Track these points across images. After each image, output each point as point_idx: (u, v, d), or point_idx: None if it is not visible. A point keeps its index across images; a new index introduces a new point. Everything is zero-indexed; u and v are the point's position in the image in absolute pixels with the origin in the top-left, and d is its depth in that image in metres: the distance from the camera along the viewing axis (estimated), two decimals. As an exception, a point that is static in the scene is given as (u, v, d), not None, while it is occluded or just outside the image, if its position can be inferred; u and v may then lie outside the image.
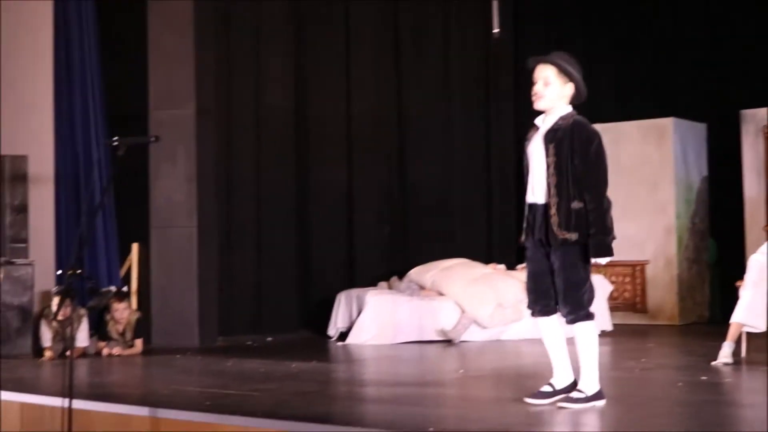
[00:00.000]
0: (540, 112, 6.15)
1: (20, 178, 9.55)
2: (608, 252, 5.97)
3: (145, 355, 9.44)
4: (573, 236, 5.91)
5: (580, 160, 5.91)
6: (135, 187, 10.50)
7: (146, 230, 10.46)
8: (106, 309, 9.54)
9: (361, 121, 12.45)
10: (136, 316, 9.66)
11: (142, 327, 9.68)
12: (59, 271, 9.80)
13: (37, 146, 9.98)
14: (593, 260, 6.00)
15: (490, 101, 13.33)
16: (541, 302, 6.09)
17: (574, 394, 5.96)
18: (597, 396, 5.95)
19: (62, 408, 5.95)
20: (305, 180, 12.05)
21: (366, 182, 12.41)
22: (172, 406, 6.16)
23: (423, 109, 12.81)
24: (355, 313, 10.68)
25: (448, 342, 10.32)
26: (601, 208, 5.93)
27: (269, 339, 10.94)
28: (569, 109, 6.10)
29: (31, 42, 10.09)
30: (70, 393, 5.88)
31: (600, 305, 10.92)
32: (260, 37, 11.72)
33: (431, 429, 5.29)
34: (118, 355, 9.33)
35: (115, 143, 6.72)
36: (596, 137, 6.01)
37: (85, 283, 9.71)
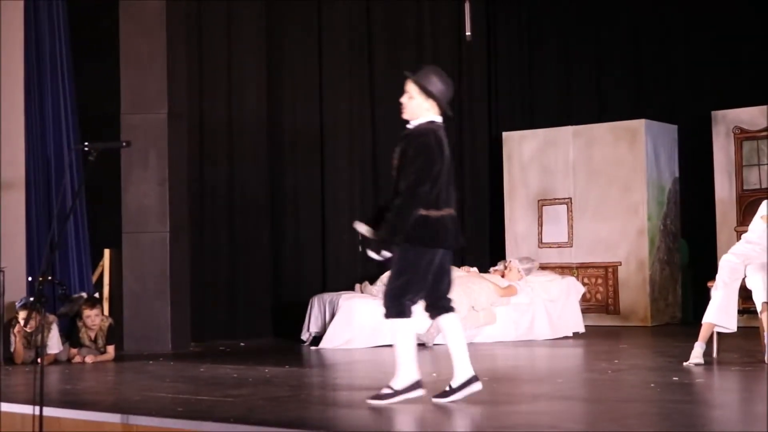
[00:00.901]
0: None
1: (-9, 183, 9.50)
2: (379, 247, 6.35)
3: (117, 361, 9.40)
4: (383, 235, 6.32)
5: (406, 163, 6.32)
6: (106, 191, 10.46)
7: (118, 235, 10.41)
8: (78, 315, 9.48)
9: (334, 124, 12.45)
10: (107, 322, 9.61)
11: (114, 333, 9.63)
12: (30, 278, 9.75)
13: (8, 151, 9.93)
14: (368, 252, 6.36)
15: (463, 104, 13.35)
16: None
17: (384, 390, 6.46)
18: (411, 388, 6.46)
19: (33, 415, 5.92)
20: (278, 184, 12.04)
21: (339, 186, 12.40)
22: (144, 412, 6.14)
23: (396, 112, 12.77)
24: (328, 318, 10.67)
25: (422, 345, 10.31)
26: (404, 206, 6.29)
27: (242, 344, 10.92)
28: (429, 118, 6.51)
29: (0, 44, 10.02)
30: (40, 400, 5.85)
31: (573, 307, 10.97)
32: (232, 39, 11.70)
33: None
34: (90, 362, 9.28)
35: (87, 148, 6.69)
36: (423, 145, 6.37)
37: (56, 289, 9.65)
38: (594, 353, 9.44)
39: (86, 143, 6.75)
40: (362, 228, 6.40)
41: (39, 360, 8.72)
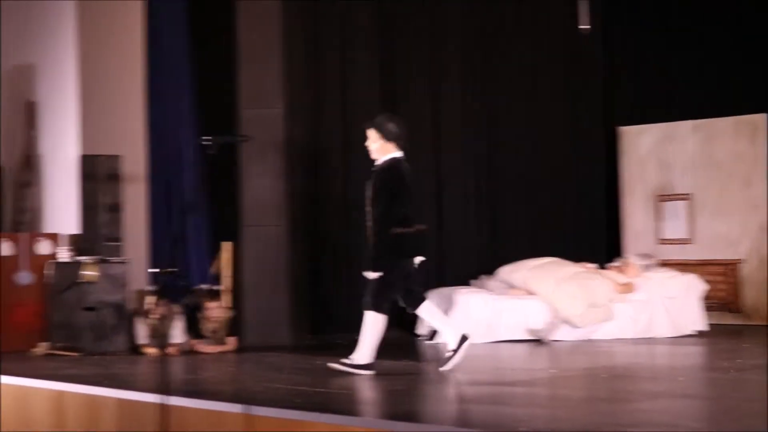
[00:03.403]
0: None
1: (114, 177, 9.70)
2: (371, 268, 7.87)
3: (237, 352, 9.53)
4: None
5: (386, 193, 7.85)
6: (226, 185, 10.60)
7: (237, 229, 10.54)
8: (199, 308, 9.64)
9: (448, 119, 12.42)
10: (228, 314, 9.75)
11: (233, 325, 9.77)
12: (152, 270, 9.95)
13: (130, 146, 10.13)
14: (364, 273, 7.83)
15: (578, 99, 13.21)
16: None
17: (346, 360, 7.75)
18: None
19: (158, 404, 6.05)
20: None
21: (455, 182, 12.37)
22: (264, 403, 6.22)
23: (510, 108, 12.74)
24: (445, 313, 10.65)
25: (539, 341, 10.27)
26: (380, 234, 7.83)
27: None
28: (390, 156, 7.98)
29: (122, 42, 10.24)
30: (166, 389, 5.97)
31: (693, 304, 10.79)
32: (346, 33, 11.75)
33: (522, 429, 5.27)
34: (211, 353, 9.43)
35: (207, 142, 6.81)
36: (386, 181, 7.93)
37: (178, 281, 9.84)
38: (715, 352, 9.28)
39: (206, 137, 6.88)
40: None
41: (168, 350, 8.98)
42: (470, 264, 12.03)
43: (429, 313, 8.22)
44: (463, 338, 7.93)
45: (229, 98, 10.66)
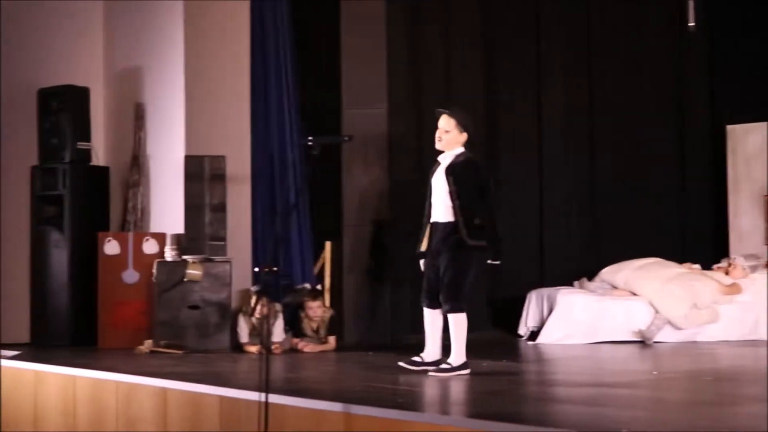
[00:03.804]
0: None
1: (219, 178, 9.82)
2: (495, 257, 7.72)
3: (338, 351, 9.59)
4: (480, 243, 7.56)
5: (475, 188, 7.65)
6: (328, 184, 10.67)
7: (339, 228, 10.61)
8: (301, 306, 9.73)
9: (551, 118, 12.34)
10: (329, 313, 9.82)
11: (334, 324, 9.84)
12: (256, 269, 10.06)
13: (235, 147, 10.23)
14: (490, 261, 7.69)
15: (685, 97, 13.02)
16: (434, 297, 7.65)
17: (443, 365, 7.49)
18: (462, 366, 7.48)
19: (259, 402, 6.11)
20: (495, 177, 11.98)
21: (556, 181, 12.29)
22: (364, 402, 6.23)
23: (614, 106, 12.61)
24: (545, 313, 10.62)
25: (641, 343, 10.16)
26: (495, 226, 7.72)
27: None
28: (461, 149, 7.73)
29: (228, 44, 10.36)
30: (266, 388, 6.03)
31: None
32: (450, 34, 11.75)
33: (624, 430, 5.22)
34: (312, 352, 9.51)
35: (310, 143, 6.86)
36: (486, 172, 7.89)
37: (280, 280, 9.93)
38: None
39: (310, 138, 6.93)
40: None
41: (272, 348, 9.08)
42: (572, 264, 11.94)
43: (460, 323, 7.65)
44: (466, 365, 7.57)
45: (332, 98, 10.74)
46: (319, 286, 10.26)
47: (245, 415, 6.61)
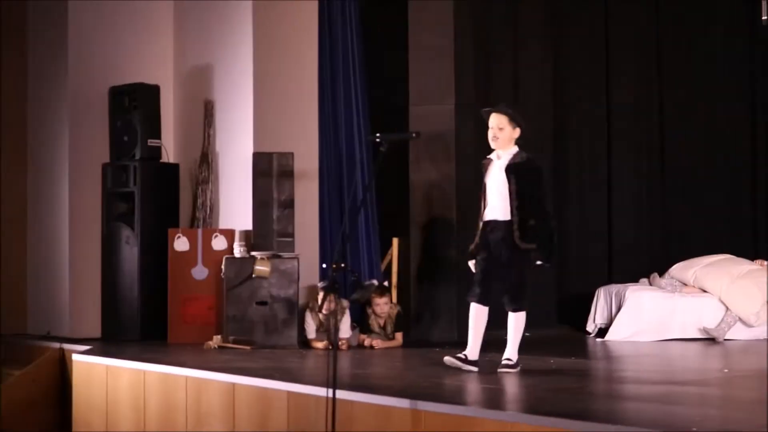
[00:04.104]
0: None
1: (287, 174, 9.86)
2: (547, 260, 7.70)
3: (405, 348, 9.60)
4: (531, 246, 7.52)
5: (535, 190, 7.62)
6: (395, 181, 10.68)
7: (406, 224, 10.61)
8: (368, 303, 9.75)
9: (620, 114, 12.25)
10: (396, 309, 9.83)
11: (402, 320, 9.85)
12: (323, 265, 10.10)
13: (303, 143, 10.29)
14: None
15: (757, 92, 12.85)
16: (486, 292, 7.62)
17: (506, 362, 7.54)
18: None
19: (327, 398, 6.14)
20: (563, 175, 11.97)
21: (626, 177, 12.21)
22: (431, 398, 6.25)
23: (685, 101, 12.49)
24: (614, 309, 10.54)
25: (711, 340, 10.06)
26: (552, 227, 7.67)
27: (527, 334, 10.90)
28: (516, 148, 7.71)
29: (296, 41, 10.42)
30: (334, 383, 6.06)
31: None
32: (518, 30, 11.71)
33: (694, 429, 5.18)
34: (379, 348, 9.52)
35: (378, 139, 6.87)
36: (542, 173, 7.81)
37: (348, 276, 9.96)
38: None
39: (378, 134, 6.94)
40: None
41: (340, 344, 9.12)
42: (641, 261, 11.86)
43: (522, 322, 7.76)
44: (471, 362, 7.61)
45: (399, 95, 10.75)
46: (386, 283, 10.28)
47: (313, 411, 6.65)
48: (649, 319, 10.25)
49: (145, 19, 10.92)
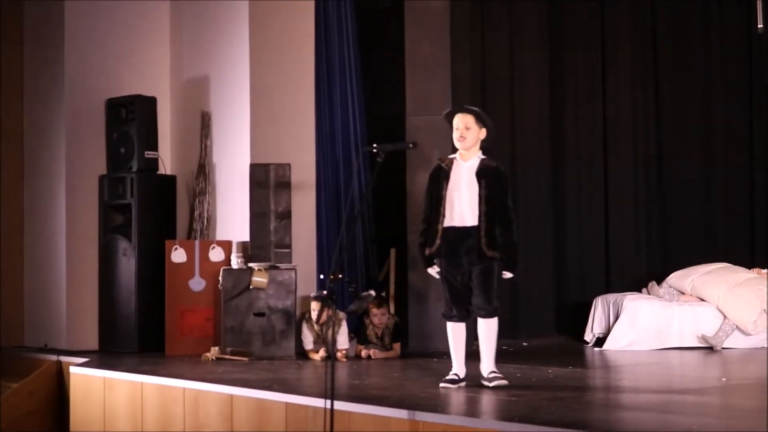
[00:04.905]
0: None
1: (284, 185, 9.87)
2: (510, 269, 7.52)
3: (402, 358, 9.59)
4: (496, 254, 7.33)
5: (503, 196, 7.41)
6: (392, 192, 10.68)
7: (403, 235, 10.61)
8: (365, 313, 9.74)
9: (617, 121, 12.25)
10: (393, 320, 9.83)
11: (399, 331, 9.84)
12: (320, 276, 10.10)
13: (300, 154, 10.30)
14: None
15: (753, 99, 12.85)
16: (462, 308, 7.47)
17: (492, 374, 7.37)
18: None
19: (324, 409, 6.13)
20: (560, 183, 11.97)
21: (623, 185, 12.20)
22: (430, 409, 6.24)
23: (681, 109, 12.49)
24: (612, 319, 10.54)
25: (709, 349, 10.06)
26: (513, 232, 7.46)
27: (525, 344, 10.93)
28: (480, 154, 7.48)
29: (293, 52, 10.42)
30: (332, 394, 6.05)
31: None
32: (514, 40, 11.73)
33: (692, 438, 5.18)
34: (376, 359, 9.51)
35: (375, 150, 6.87)
36: (507, 179, 7.54)
37: (345, 287, 9.96)
38: None
39: (375, 145, 6.94)
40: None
41: (338, 354, 9.12)
42: (639, 270, 11.86)
43: (496, 328, 7.51)
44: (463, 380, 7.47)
45: (396, 105, 10.75)
46: (383, 293, 10.27)
47: (311, 422, 6.65)
48: (646, 328, 10.25)
49: (141, 31, 10.93)
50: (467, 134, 7.43)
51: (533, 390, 7.21)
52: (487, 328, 7.41)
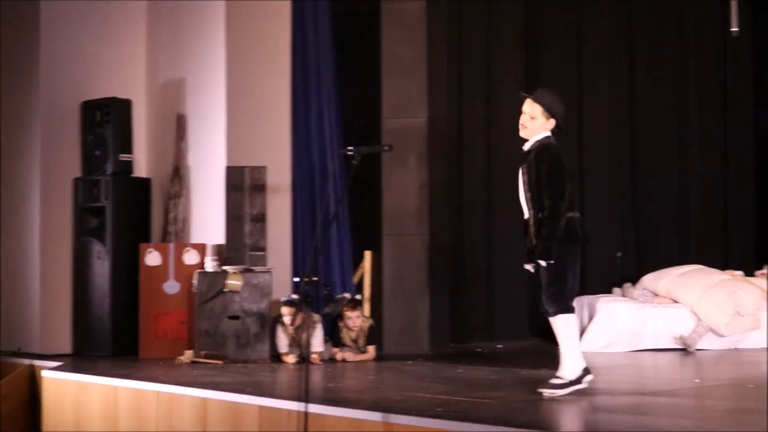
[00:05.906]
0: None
1: (259, 188, 9.85)
2: (544, 256, 6.82)
3: (377, 361, 9.58)
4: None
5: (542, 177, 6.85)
6: (367, 194, 10.68)
7: (378, 237, 10.61)
8: (340, 316, 9.73)
9: (593, 125, 12.29)
10: (368, 323, 9.82)
11: (374, 334, 9.83)
12: (296, 279, 10.08)
13: (275, 157, 10.27)
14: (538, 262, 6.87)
15: (728, 102, 12.92)
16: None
17: (554, 380, 6.86)
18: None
19: (298, 411, 6.13)
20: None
21: (598, 188, 12.24)
22: (404, 411, 6.24)
23: (657, 111, 12.55)
24: (586, 320, 10.56)
25: (683, 350, 10.09)
26: (555, 218, 6.77)
27: (499, 346, 10.94)
28: (543, 135, 7.02)
29: (269, 55, 10.41)
30: (306, 397, 6.04)
31: None
32: (491, 43, 11.74)
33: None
34: (351, 361, 9.51)
35: (350, 153, 6.86)
36: (556, 158, 6.90)
37: (320, 290, 9.95)
38: None
39: (350, 148, 6.93)
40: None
41: (311, 358, 9.10)
42: (613, 271, 11.89)
43: (564, 327, 7.02)
44: (585, 372, 6.96)
45: (372, 108, 10.75)
46: (358, 296, 10.27)
47: (285, 425, 6.64)
48: (621, 330, 10.28)
49: (117, 33, 10.88)
50: (529, 124, 7.10)
51: (508, 392, 7.21)
52: (556, 328, 7.06)
